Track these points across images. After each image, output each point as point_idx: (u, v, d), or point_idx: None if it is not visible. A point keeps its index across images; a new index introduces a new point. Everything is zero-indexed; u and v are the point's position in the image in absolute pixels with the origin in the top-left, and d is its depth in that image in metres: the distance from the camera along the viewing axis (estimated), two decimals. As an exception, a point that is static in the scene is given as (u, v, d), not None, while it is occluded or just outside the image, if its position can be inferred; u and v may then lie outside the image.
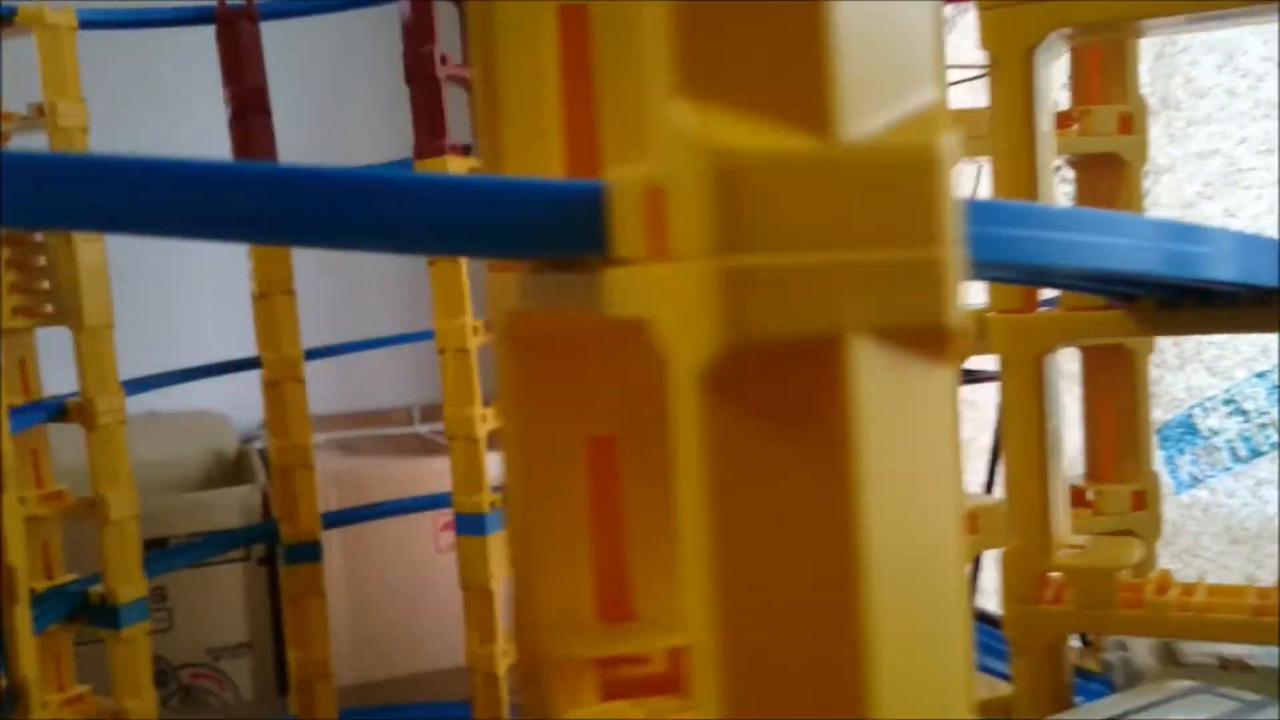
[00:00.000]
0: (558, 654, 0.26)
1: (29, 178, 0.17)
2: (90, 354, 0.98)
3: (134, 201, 0.17)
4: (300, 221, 0.18)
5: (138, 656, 1.00)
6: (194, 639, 1.45)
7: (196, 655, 1.46)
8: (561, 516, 0.28)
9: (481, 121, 0.26)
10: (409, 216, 0.19)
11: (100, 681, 1.03)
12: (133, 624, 1.01)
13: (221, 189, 0.18)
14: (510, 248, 0.19)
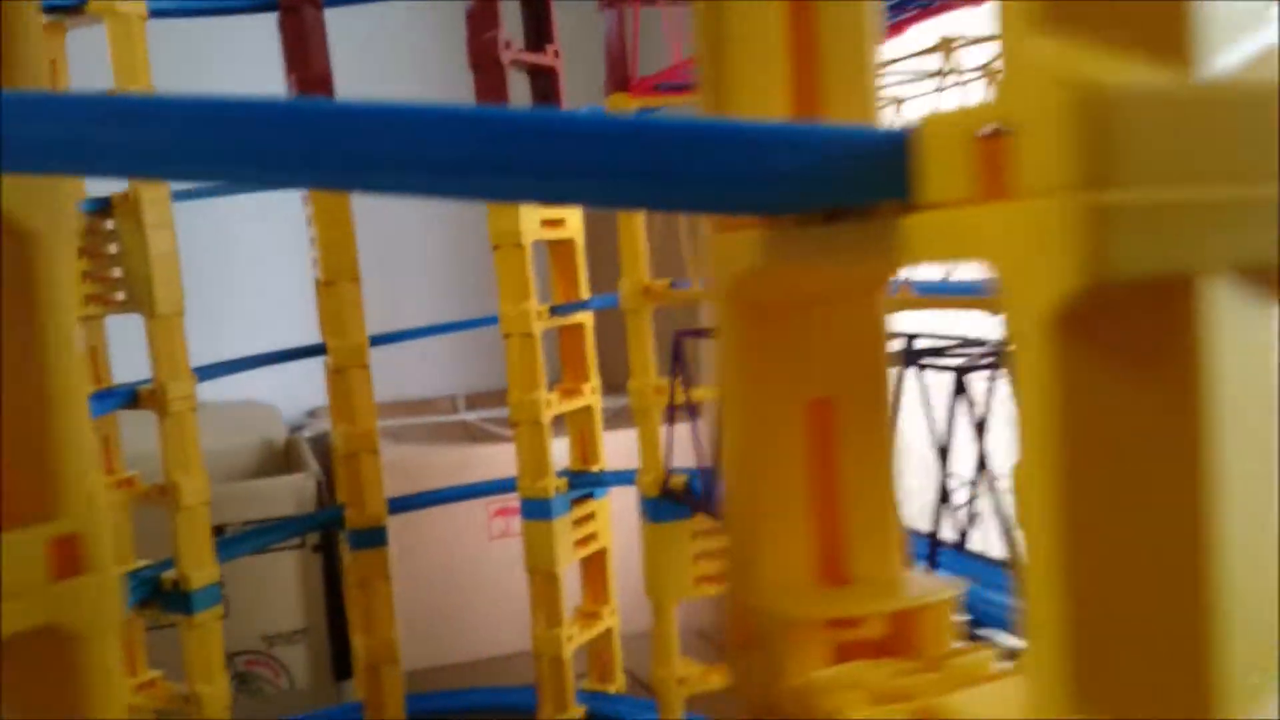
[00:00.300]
0: (790, 615, 0.26)
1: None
2: (163, 341, 0.98)
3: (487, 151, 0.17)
4: (623, 174, 0.18)
5: (210, 641, 1.00)
6: (250, 626, 1.46)
7: (252, 642, 1.46)
8: (782, 479, 0.28)
9: (705, 70, 0.26)
10: (715, 164, 0.19)
11: (170, 667, 1.04)
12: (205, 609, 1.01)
13: (548, 140, 0.18)
14: (813, 195, 0.19)
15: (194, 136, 0.18)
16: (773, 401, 0.27)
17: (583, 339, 1.11)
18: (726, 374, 0.28)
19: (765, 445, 0.27)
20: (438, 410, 1.83)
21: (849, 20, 0.26)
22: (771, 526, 0.28)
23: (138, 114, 0.18)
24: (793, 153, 0.19)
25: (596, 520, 1.13)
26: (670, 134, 0.18)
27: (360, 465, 1.12)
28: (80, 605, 0.29)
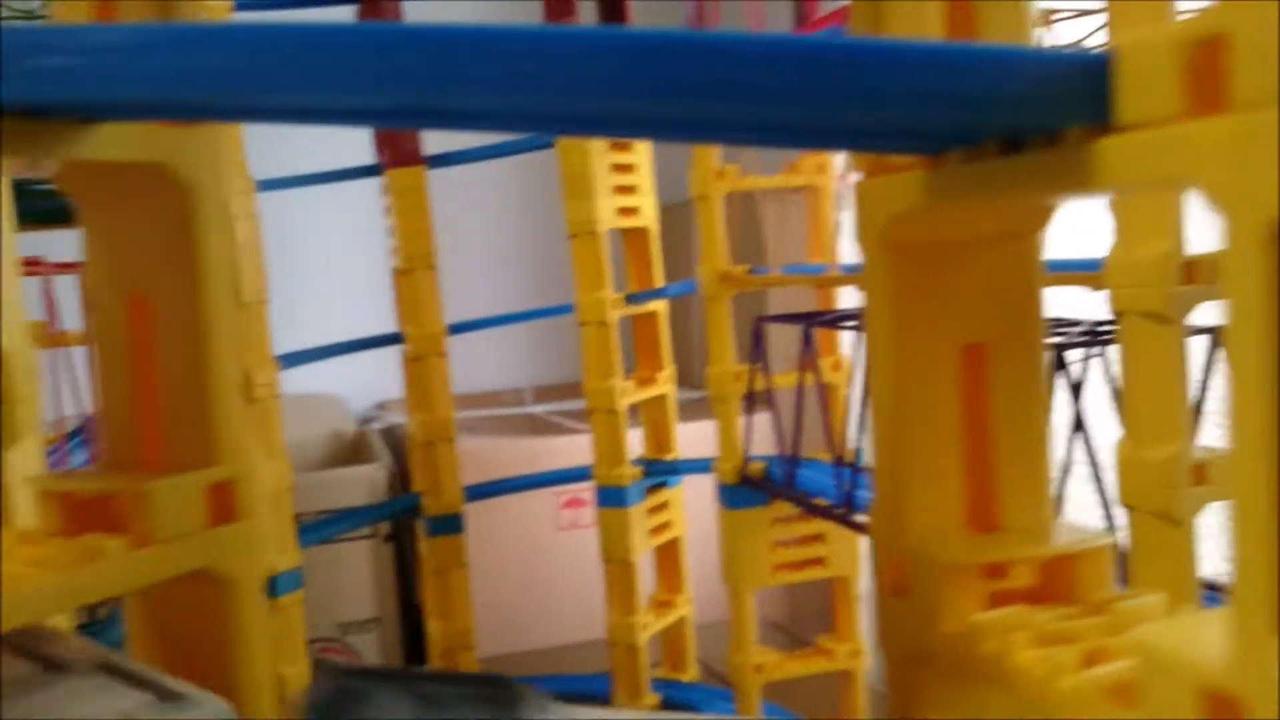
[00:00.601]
0: (947, 560, 0.26)
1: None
2: (246, 330, 0.99)
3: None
4: (812, 92, 0.18)
5: (292, 624, 1.01)
6: (324, 613, 1.47)
7: (327, 630, 1.48)
8: (933, 425, 0.27)
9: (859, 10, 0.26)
10: (913, 84, 0.19)
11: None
12: (288, 592, 1.02)
13: (745, 62, 0.18)
14: (1008, 119, 0.19)
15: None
16: (925, 347, 0.27)
17: (657, 327, 1.11)
18: (877, 320, 0.28)
19: (917, 391, 0.27)
20: (504, 403, 1.84)
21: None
22: (922, 472, 0.28)
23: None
24: (992, 75, 0.19)
25: (670, 509, 1.13)
26: (864, 54, 0.19)
27: (437, 453, 1.13)
28: (233, 550, 0.30)
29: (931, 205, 0.25)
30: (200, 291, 0.29)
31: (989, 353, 0.28)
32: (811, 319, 0.82)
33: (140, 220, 0.29)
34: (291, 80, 0.20)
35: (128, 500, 0.28)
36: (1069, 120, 0.19)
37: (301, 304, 1.81)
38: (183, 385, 0.30)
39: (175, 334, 0.30)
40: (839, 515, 0.79)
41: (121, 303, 0.30)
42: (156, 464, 0.31)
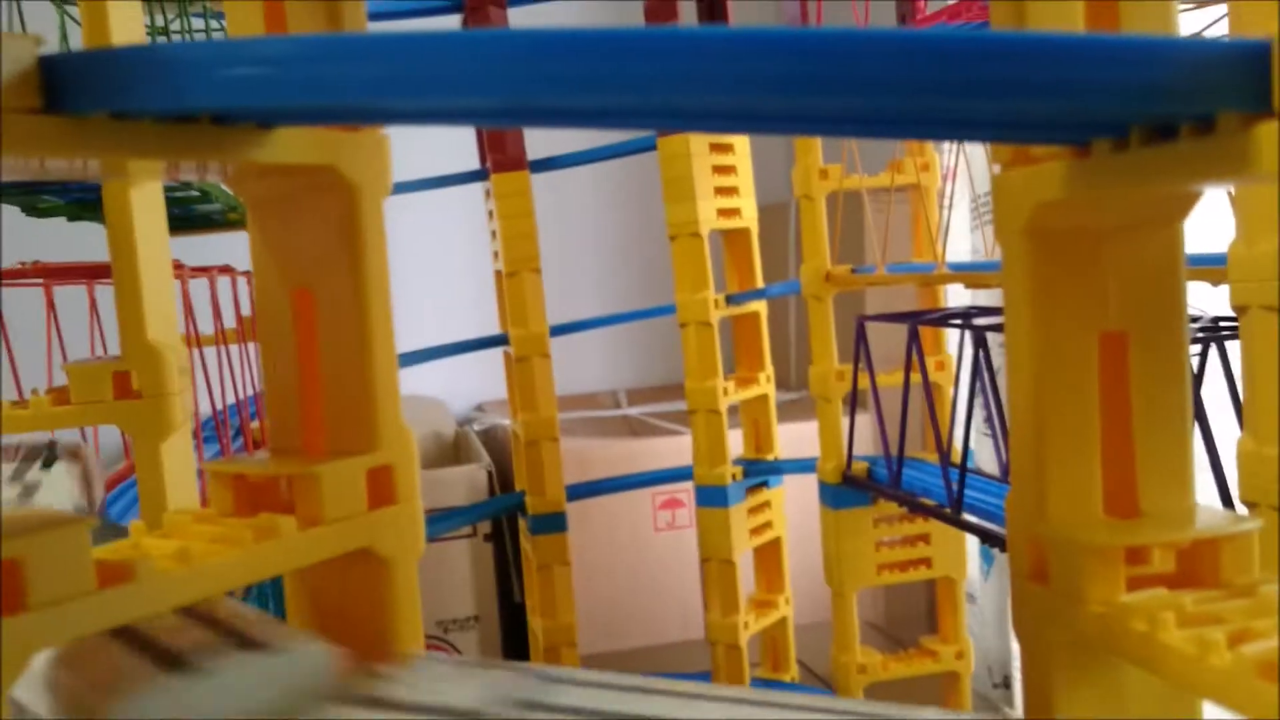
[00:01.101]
0: (1091, 543, 0.26)
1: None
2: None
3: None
4: (984, 84, 0.19)
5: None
6: (426, 611, 1.50)
7: (428, 627, 1.51)
8: (1074, 410, 0.28)
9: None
10: (1068, 75, 0.19)
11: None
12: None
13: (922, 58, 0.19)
14: (1168, 107, 0.20)
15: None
16: (1066, 335, 0.28)
17: (758, 328, 1.12)
18: (1017, 309, 0.28)
19: (1057, 378, 0.28)
20: (601, 405, 1.86)
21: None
22: (1062, 458, 0.28)
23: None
24: (1150, 65, 0.19)
25: (771, 509, 1.14)
26: (1025, 48, 0.19)
27: (541, 452, 1.15)
28: (392, 531, 0.32)
29: (1076, 195, 0.25)
30: (361, 285, 0.31)
31: (1130, 340, 0.28)
32: (916, 317, 0.82)
33: (307, 219, 0.31)
34: (461, 84, 0.22)
35: (297, 483, 0.30)
36: (1227, 106, 0.20)
37: (403, 307, 1.85)
38: (344, 375, 0.32)
39: (337, 326, 0.31)
40: (948, 515, 0.79)
41: (287, 296, 0.32)
42: (319, 449, 0.32)
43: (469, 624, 1.53)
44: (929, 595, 1.51)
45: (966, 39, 0.19)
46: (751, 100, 0.21)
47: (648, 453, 1.54)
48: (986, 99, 0.19)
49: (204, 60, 0.24)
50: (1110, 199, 0.25)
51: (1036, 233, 0.27)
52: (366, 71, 0.22)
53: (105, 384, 0.45)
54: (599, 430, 1.68)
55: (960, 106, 0.19)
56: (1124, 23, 0.26)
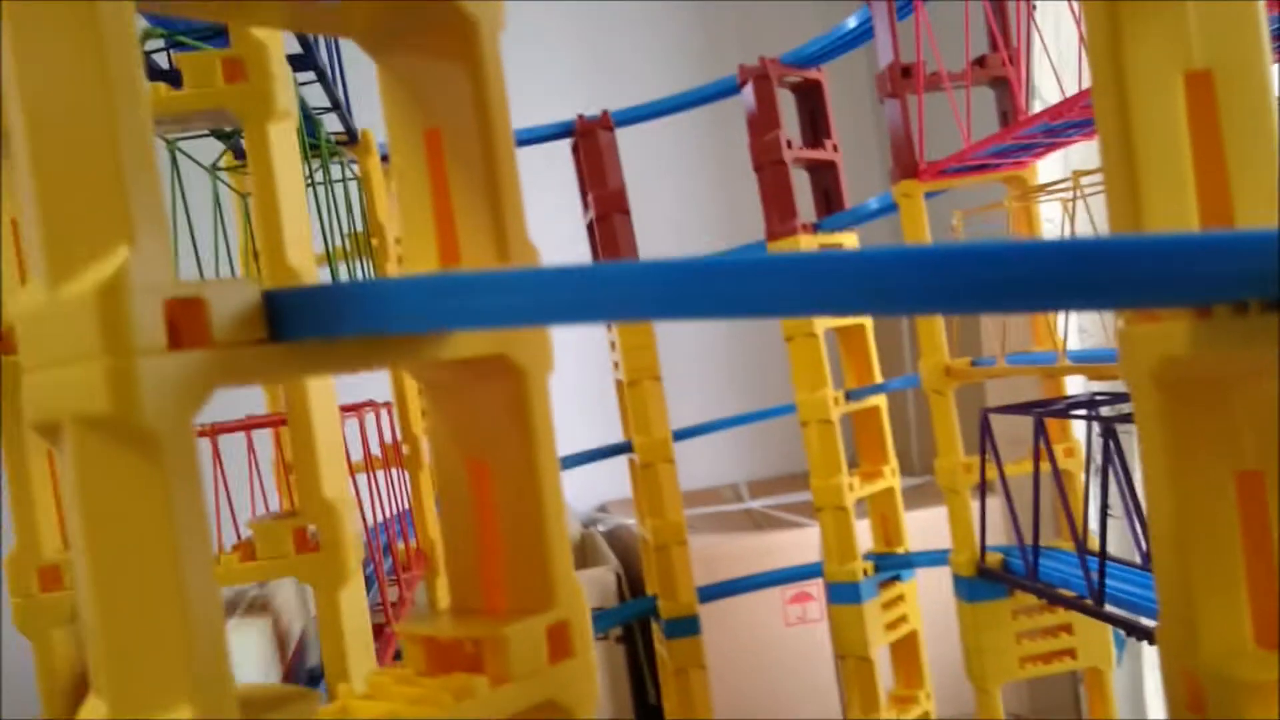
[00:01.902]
0: (1245, 679, 0.27)
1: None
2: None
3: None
4: (1100, 285, 0.21)
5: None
6: (564, 715, 1.52)
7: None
8: (1216, 546, 0.29)
9: (1114, 183, 0.29)
10: (1205, 271, 0.22)
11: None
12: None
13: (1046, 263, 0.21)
14: (1263, 291, 0.22)
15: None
16: (1201, 474, 0.29)
17: (879, 421, 1.13)
18: (1152, 452, 0.30)
19: (1197, 515, 0.29)
20: (722, 500, 1.87)
21: (1250, 104, 0.29)
22: (1208, 592, 0.29)
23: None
24: (1267, 255, 0.21)
25: (906, 602, 1.14)
26: (1146, 249, 0.22)
27: (671, 556, 1.17)
28: (571, 682, 0.34)
29: (1199, 353, 0.27)
30: (533, 457, 0.34)
31: (1266, 478, 0.29)
32: (1042, 408, 0.83)
33: (481, 399, 0.34)
34: (601, 308, 0.25)
35: (486, 644, 0.33)
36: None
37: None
38: (520, 538, 0.34)
39: (511, 494, 0.34)
40: (1089, 607, 0.79)
41: (464, 468, 0.35)
42: (499, 608, 0.35)
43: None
44: (1073, 683, 1.48)
45: (1098, 246, 0.22)
46: (902, 305, 0.23)
47: (773, 547, 1.54)
48: (1121, 295, 0.22)
49: (398, 294, 0.27)
50: (1233, 356, 0.27)
51: (1164, 381, 0.29)
52: (524, 302, 0.25)
53: (287, 539, 0.49)
54: (723, 525, 1.69)
55: (1095, 299, 0.22)
56: (1235, 201, 0.28)
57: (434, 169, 0.34)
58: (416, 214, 0.34)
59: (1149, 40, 0.29)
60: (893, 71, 0.96)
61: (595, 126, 1.16)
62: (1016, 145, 0.86)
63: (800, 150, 1.10)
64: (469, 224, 0.33)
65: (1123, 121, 0.29)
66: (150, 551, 0.26)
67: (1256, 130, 0.28)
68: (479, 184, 0.33)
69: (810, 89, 1.13)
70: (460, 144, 0.34)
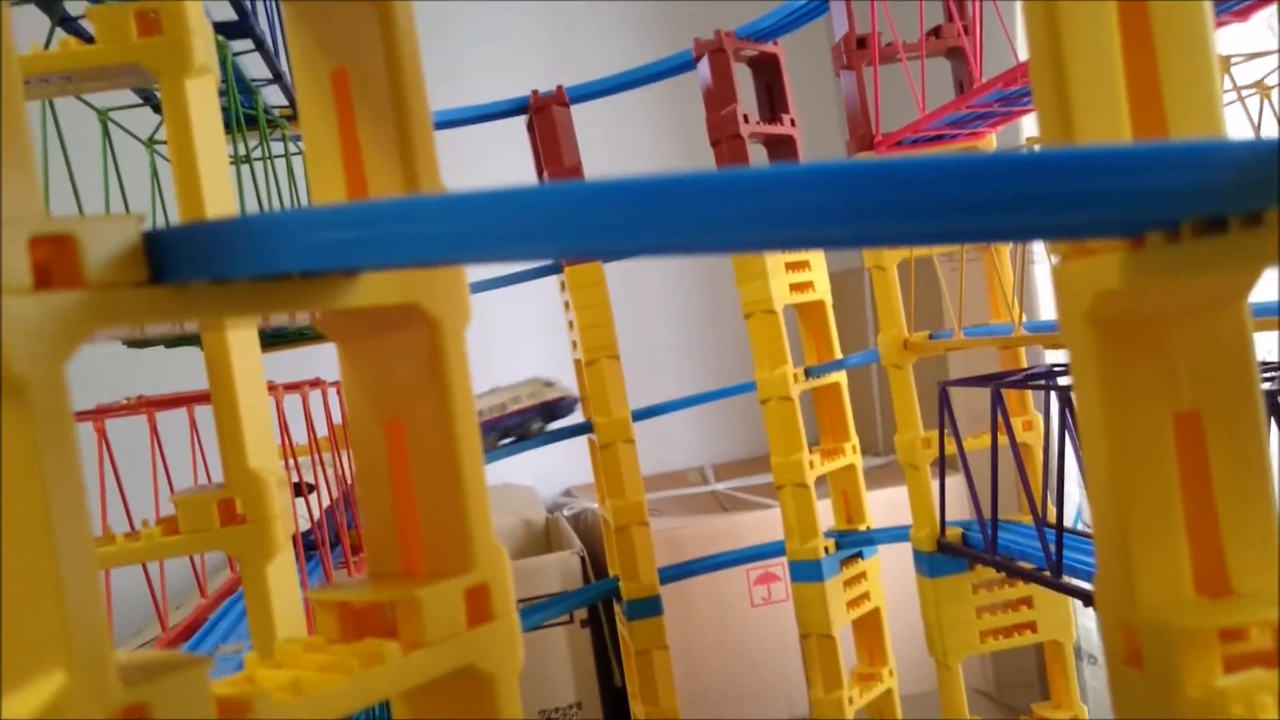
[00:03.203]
0: (1184, 627, 0.26)
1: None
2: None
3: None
4: (1040, 199, 0.20)
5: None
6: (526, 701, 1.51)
7: (530, 717, 1.51)
8: (1154, 493, 0.28)
9: (1045, 108, 0.28)
10: (1120, 185, 0.20)
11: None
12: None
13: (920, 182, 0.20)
14: (1215, 204, 0.20)
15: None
16: (1139, 418, 0.28)
17: (840, 398, 1.12)
18: (1088, 396, 0.29)
19: (1134, 462, 0.28)
20: (687, 482, 1.86)
21: (1188, 32, 0.28)
22: (1146, 542, 0.28)
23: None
24: (1198, 167, 0.20)
25: (868, 579, 1.13)
26: (1084, 162, 0.20)
27: (632, 537, 1.15)
28: (491, 647, 0.33)
29: (1134, 286, 0.26)
30: (449, 413, 0.32)
31: (1204, 419, 0.28)
32: (998, 380, 0.82)
33: (393, 353, 0.33)
34: (521, 237, 0.23)
35: (399, 608, 0.31)
36: (1271, 202, 0.21)
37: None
38: (437, 498, 0.33)
39: (429, 452, 0.33)
40: (1048, 579, 0.78)
41: (379, 426, 0.34)
42: (417, 571, 0.34)
43: (571, 712, 1.53)
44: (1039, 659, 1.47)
45: (1021, 160, 0.20)
46: (815, 230, 0.22)
47: (739, 528, 1.53)
48: (1046, 212, 0.20)
49: (293, 228, 0.26)
50: (1168, 286, 0.26)
51: (1099, 321, 0.28)
52: (436, 230, 0.24)
53: (211, 512, 0.47)
54: (688, 508, 1.68)
55: (1020, 220, 0.20)
56: (1170, 122, 0.27)
57: (341, 109, 0.32)
58: (323, 157, 0.33)
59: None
60: (848, 43, 0.95)
61: (550, 102, 1.14)
62: (972, 115, 0.85)
63: (757, 125, 1.09)
64: (377, 166, 0.32)
65: (1054, 42, 0.27)
66: (17, 509, 0.24)
67: (1192, 45, 0.27)
68: (388, 124, 0.32)
69: (767, 62, 1.12)
70: (368, 84, 0.32)
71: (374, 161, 0.32)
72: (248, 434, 0.47)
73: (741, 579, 1.54)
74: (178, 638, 0.66)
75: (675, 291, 2.00)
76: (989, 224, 0.20)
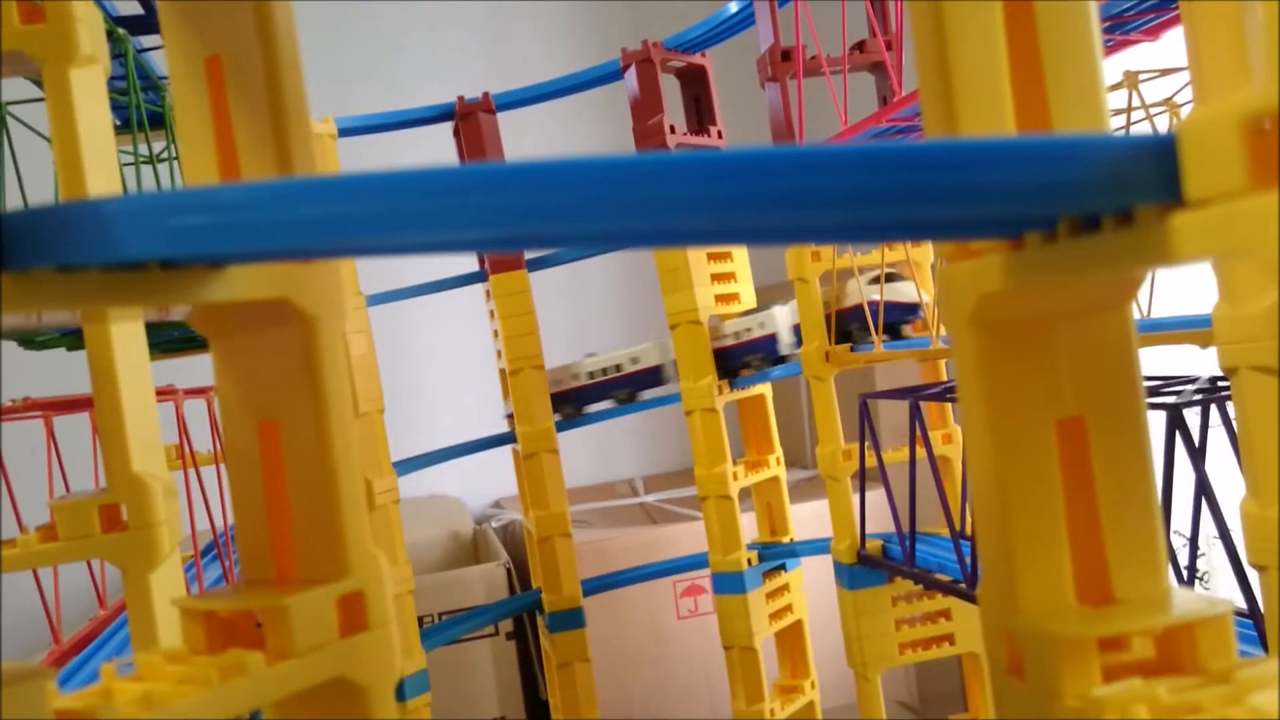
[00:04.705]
0: (1062, 635, 0.26)
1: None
2: (365, 439, 1.03)
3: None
4: (908, 192, 0.19)
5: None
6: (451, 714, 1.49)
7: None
8: (1037, 498, 0.28)
9: (930, 103, 0.27)
10: (993, 179, 0.20)
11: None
12: (416, 695, 1.04)
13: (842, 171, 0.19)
14: (1087, 202, 0.20)
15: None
16: (1021, 422, 0.28)
17: (764, 411, 1.12)
18: (971, 400, 0.28)
19: (1016, 466, 0.28)
20: (617, 494, 1.85)
21: (1072, 31, 0.27)
22: (1029, 548, 0.28)
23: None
24: (1066, 163, 0.20)
25: (791, 591, 1.13)
26: (948, 155, 0.20)
27: (555, 548, 1.14)
28: (365, 659, 0.31)
29: (1014, 287, 0.25)
30: (324, 414, 0.31)
31: (1088, 425, 0.28)
32: (917, 392, 0.82)
33: (267, 351, 0.32)
34: (399, 223, 0.22)
35: (265, 616, 0.30)
36: (1141, 199, 0.20)
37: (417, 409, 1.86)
38: (311, 503, 0.32)
39: (303, 455, 0.32)
40: (962, 590, 0.78)
41: (253, 428, 0.32)
42: (290, 579, 0.32)
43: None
44: (960, 671, 1.48)
45: (888, 151, 0.20)
46: (704, 220, 0.21)
47: (667, 540, 1.52)
48: (916, 206, 0.20)
49: (142, 211, 0.24)
50: (1049, 288, 0.26)
51: (983, 323, 0.27)
52: (291, 216, 0.23)
53: (92, 518, 0.45)
54: (617, 520, 1.67)
55: (890, 214, 0.20)
56: (1054, 115, 0.26)
57: (215, 97, 0.31)
58: (196, 146, 0.31)
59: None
60: (773, 55, 0.95)
61: (476, 109, 1.13)
62: (893, 129, 0.85)
63: (684, 135, 1.09)
64: (251, 155, 0.31)
65: (939, 42, 0.27)
66: None
67: (1076, 44, 0.27)
68: (262, 112, 0.30)
69: (695, 74, 1.12)
70: (242, 71, 0.31)
71: (248, 150, 0.31)
72: (132, 437, 0.45)
73: (668, 591, 1.53)
74: (69, 652, 0.64)
75: (608, 300, 1.99)
76: (852, 217, 0.20)
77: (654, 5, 1.95)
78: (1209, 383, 0.65)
